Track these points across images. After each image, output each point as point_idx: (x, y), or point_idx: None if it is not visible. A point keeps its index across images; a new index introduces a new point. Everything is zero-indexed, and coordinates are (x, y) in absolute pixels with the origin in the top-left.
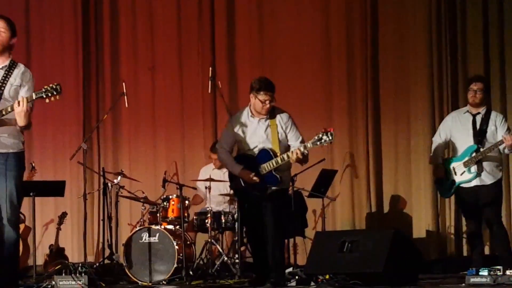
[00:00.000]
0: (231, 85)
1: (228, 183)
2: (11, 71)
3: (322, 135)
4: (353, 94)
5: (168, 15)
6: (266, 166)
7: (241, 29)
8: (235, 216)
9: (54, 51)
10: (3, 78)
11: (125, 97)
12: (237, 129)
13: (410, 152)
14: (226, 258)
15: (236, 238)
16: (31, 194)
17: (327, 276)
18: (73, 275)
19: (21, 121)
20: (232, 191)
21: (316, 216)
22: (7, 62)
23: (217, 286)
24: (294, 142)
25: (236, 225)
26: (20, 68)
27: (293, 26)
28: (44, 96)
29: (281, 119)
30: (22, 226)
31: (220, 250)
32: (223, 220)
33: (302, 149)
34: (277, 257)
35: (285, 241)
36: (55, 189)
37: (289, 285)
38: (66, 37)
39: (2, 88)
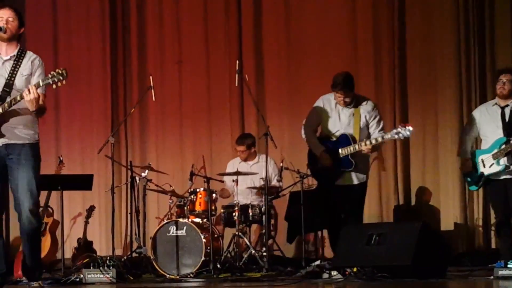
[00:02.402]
0: (258, 78)
1: (255, 176)
2: (20, 60)
3: (400, 129)
4: (380, 87)
5: (195, 9)
6: (344, 151)
7: (268, 22)
8: (263, 209)
9: (81, 45)
10: (13, 68)
11: (153, 90)
12: (322, 112)
13: (437, 144)
14: (253, 251)
15: (264, 231)
16: (59, 188)
17: (355, 269)
18: (101, 268)
19: (32, 107)
20: (261, 183)
21: None
22: (15, 52)
23: (245, 279)
24: (374, 131)
25: (263, 218)
26: (29, 56)
27: (320, 19)
28: (51, 82)
29: (365, 108)
30: (50, 220)
31: (248, 243)
32: (251, 213)
33: (368, 142)
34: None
35: (313, 234)
36: (83, 182)
37: (317, 278)
38: (93, 32)
39: (13, 79)
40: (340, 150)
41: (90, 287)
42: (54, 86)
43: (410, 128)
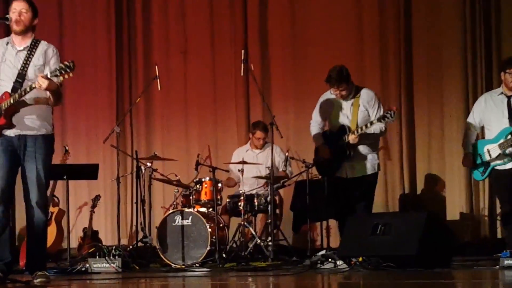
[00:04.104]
0: (264, 67)
1: (261, 165)
2: (34, 51)
3: (386, 113)
4: (386, 77)
5: None
6: (340, 142)
7: (274, 11)
8: (268, 198)
9: (87, 35)
10: (26, 59)
11: (158, 80)
12: (325, 107)
13: (443, 134)
14: (259, 241)
15: (269, 220)
16: (65, 177)
17: (360, 259)
18: (106, 258)
19: (51, 99)
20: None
21: None
22: (28, 43)
23: (250, 268)
24: (373, 119)
25: (269, 208)
26: (43, 46)
27: (326, 8)
28: (59, 74)
29: (364, 98)
30: (56, 209)
31: (253, 233)
32: (256, 203)
33: (355, 132)
34: None
35: (319, 224)
36: (89, 172)
37: (323, 267)
38: (98, 22)
39: (25, 69)
40: (340, 141)
41: (96, 276)
42: (61, 78)
43: (394, 110)
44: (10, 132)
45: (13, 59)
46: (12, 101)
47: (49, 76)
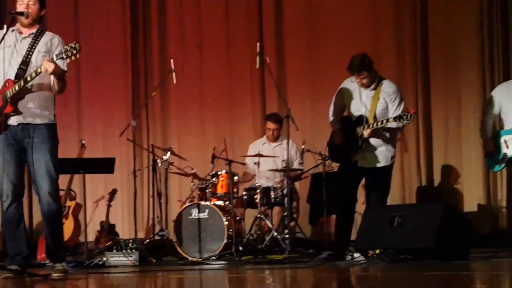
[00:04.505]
0: (279, 60)
1: (277, 158)
2: (38, 38)
3: (403, 114)
4: (403, 68)
5: None
6: (357, 130)
7: (289, 3)
8: (285, 191)
9: (102, 29)
10: (31, 45)
11: (173, 73)
12: (345, 94)
13: (460, 125)
14: (275, 234)
15: (286, 213)
16: (81, 171)
17: (378, 251)
18: (123, 251)
19: (55, 85)
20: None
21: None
22: (34, 30)
23: (267, 261)
24: (391, 114)
25: (285, 201)
26: (48, 35)
27: (341, 1)
28: (64, 57)
29: (386, 91)
30: (73, 203)
31: (270, 226)
32: (273, 196)
33: (369, 126)
34: None
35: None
36: (105, 166)
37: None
38: (114, 16)
39: (30, 55)
40: (357, 130)
41: (113, 270)
42: (68, 60)
43: (411, 113)
44: (13, 121)
45: (18, 45)
46: (17, 88)
47: (54, 59)
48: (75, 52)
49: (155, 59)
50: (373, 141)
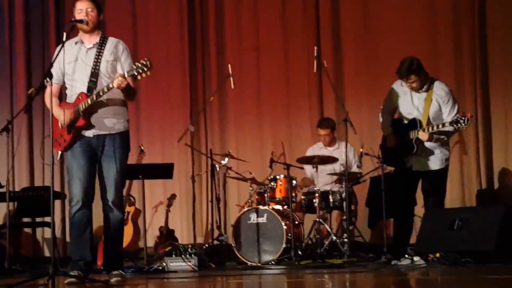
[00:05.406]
0: (336, 64)
1: (336, 162)
2: (103, 47)
3: (460, 118)
4: (461, 69)
5: None
6: (411, 134)
7: (345, 7)
8: (343, 195)
9: (160, 34)
10: (97, 55)
11: (231, 78)
12: (395, 96)
13: None
14: (334, 238)
15: (345, 217)
16: (140, 177)
17: (438, 255)
18: (183, 256)
19: (126, 96)
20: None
21: None
22: (97, 39)
23: (326, 265)
24: (446, 117)
25: (344, 204)
26: (112, 42)
27: (398, 3)
28: (136, 74)
29: (438, 93)
30: (132, 209)
31: (329, 230)
32: (331, 200)
33: (426, 130)
34: None
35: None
36: (164, 171)
37: (400, 263)
38: (171, 22)
39: (98, 65)
40: (410, 134)
41: (172, 275)
42: (138, 77)
43: (469, 117)
44: (88, 133)
45: (84, 57)
46: (90, 102)
47: (126, 76)
48: (145, 69)
49: (213, 64)
50: (428, 144)
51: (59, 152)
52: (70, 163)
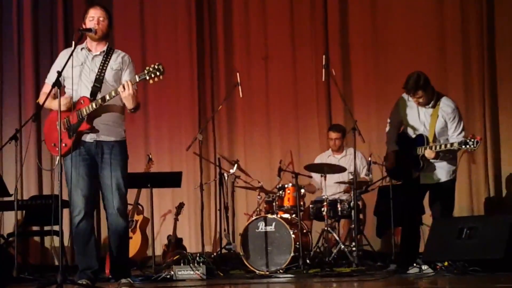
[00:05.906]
0: (345, 72)
1: (344, 171)
2: (109, 56)
3: (469, 140)
4: (469, 79)
5: (281, 4)
6: (418, 151)
7: (354, 16)
8: (351, 204)
9: (168, 44)
10: (102, 63)
11: (239, 87)
12: (401, 110)
13: None
14: (343, 246)
15: (353, 226)
16: (149, 185)
17: (446, 263)
18: (191, 265)
19: (129, 104)
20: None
21: None
22: (104, 48)
23: (335, 274)
24: (452, 134)
25: (352, 213)
26: (118, 53)
27: (407, 11)
28: (148, 78)
29: (444, 110)
30: (140, 218)
31: (337, 238)
32: (339, 208)
33: (433, 148)
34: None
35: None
36: (172, 180)
37: (408, 272)
38: (180, 30)
39: (103, 73)
40: (418, 150)
41: (180, 283)
42: (150, 81)
43: (478, 140)
44: (88, 138)
45: (89, 63)
46: (94, 106)
47: (137, 79)
48: (158, 74)
49: (221, 72)
50: (434, 160)
51: (57, 158)
52: (69, 171)
